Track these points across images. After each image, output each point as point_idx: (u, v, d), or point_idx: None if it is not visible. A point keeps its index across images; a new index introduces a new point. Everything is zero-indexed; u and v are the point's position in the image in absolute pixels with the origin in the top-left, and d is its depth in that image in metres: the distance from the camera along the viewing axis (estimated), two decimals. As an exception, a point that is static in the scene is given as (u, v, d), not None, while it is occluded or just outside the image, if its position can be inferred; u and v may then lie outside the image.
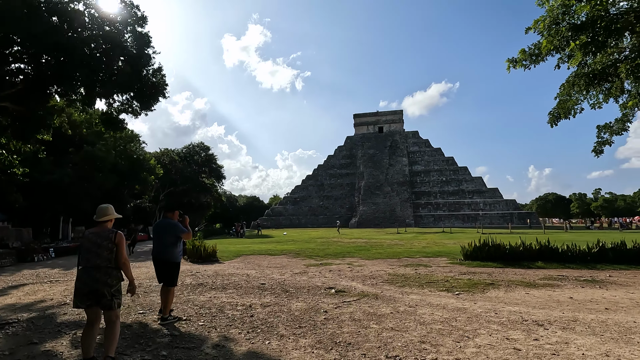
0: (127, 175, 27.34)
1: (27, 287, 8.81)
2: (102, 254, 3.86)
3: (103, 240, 3.91)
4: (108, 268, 3.87)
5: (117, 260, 3.95)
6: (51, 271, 12.00)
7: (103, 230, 4.02)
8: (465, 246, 12.50)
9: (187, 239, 6.01)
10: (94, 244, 3.89)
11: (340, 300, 6.79)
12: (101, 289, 3.76)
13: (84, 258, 3.89)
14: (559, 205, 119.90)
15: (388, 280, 9.24)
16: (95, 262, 3.83)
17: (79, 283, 3.82)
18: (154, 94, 12.62)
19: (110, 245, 3.91)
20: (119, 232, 4.10)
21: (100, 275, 3.80)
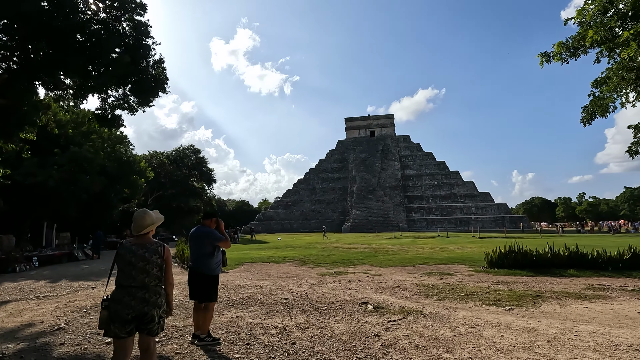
0: (116, 178, 25.85)
1: (10, 306, 7.61)
2: (152, 271, 3.20)
3: (152, 255, 3.24)
4: (157, 287, 3.26)
5: (166, 278, 3.37)
6: (36, 284, 10.72)
7: (149, 242, 3.32)
8: (489, 253, 11.77)
9: (226, 248, 5.11)
10: (141, 259, 3.19)
11: (383, 319, 5.90)
12: (151, 312, 3.13)
13: (125, 274, 3.20)
14: (544, 209, 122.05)
15: (421, 292, 8.39)
16: (143, 280, 3.17)
17: (119, 306, 3.10)
18: (154, 88, 11.55)
19: (160, 261, 3.27)
20: (167, 245, 3.41)
21: (149, 295, 3.17)
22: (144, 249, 3.24)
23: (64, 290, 9.36)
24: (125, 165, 26.72)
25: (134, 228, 3.36)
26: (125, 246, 3.30)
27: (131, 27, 11.18)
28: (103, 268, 14.89)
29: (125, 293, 3.15)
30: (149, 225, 3.37)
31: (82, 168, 22.35)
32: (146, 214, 3.43)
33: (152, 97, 11.79)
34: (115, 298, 3.16)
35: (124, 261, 3.22)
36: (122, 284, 3.20)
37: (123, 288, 3.18)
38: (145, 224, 3.36)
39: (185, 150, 52.08)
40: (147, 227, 3.37)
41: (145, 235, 3.39)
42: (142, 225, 3.35)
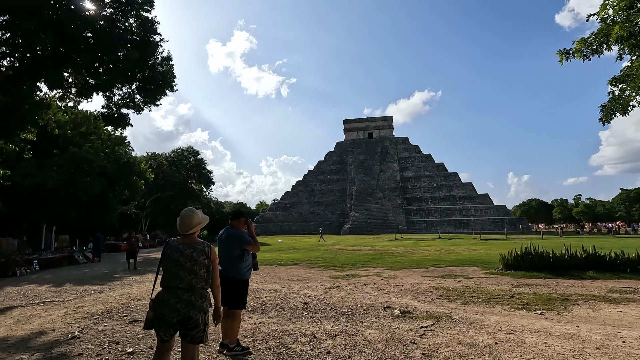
0: (116, 180, 25.39)
1: (16, 312, 7.25)
2: (199, 273, 3.04)
3: (200, 255, 3.07)
4: (203, 290, 3.09)
5: (213, 280, 3.20)
6: (39, 288, 10.33)
7: (195, 242, 3.16)
8: (504, 254, 11.54)
9: (254, 252, 4.79)
10: (189, 259, 3.03)
11: (414, 324, 5.62)
12: (196, 317, 2.95)
13: (172, 275, 3.02)
14: (541, 210, 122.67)
15: (442, 295, 8.12)
16: (190, 281, 3.00)
17: (165, 309, 2.93)
18: (161, 86, 11.24)
19: (207, 262, 3.11)
20: (212, 246, 3.24)
21: (195, 298, 2.98)
22: (192, 249, 3.07)
23: (70, 295, 9.00)
24: (125, 166, 26.28)
25: (181, 227, 3.19)
26: (172, 245, 3.13)
27: (138, 23, 10.86)
28: (106, 271, 14.49)
29: (171, 295, 2.96)
30: (196, 224, 3.22)
31: (81, 169, 21.89)
32: (194, 212, 3.26)
33: (160, 95, 11.48)
34: (161, 300, 2.98)
35: (171, 261, 3.05)
36: (168, 285, 3.02)
37: (169, 289, 3.00)
38: (193, 223, 3.20)
39: (183, 152, 51.58)
40: (195, 227, 3.21)
41: (191, 235, 3.19)
42: (189, 224, 3.18)
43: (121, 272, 14.05)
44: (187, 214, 3.20)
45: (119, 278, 12.37)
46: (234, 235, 4.63)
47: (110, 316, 6.51)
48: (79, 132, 26.09)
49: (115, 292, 9.41)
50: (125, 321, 6.10)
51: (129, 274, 13.55)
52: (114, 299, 8.32)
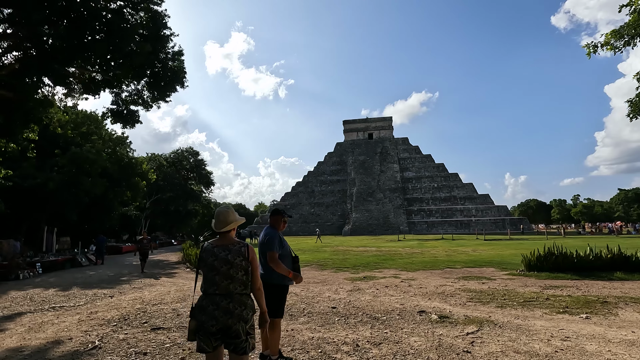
0: (117, 180, 24.88)
1: (26, 318, 6.82)
2: (237, 276, 2.77)
3: (235, 257, 2.79)
4: (243, 295, 2.80)
5: (253, 283, 2.89)
6: (46, 293, 9.89)
7: (230, 242, 2.89)
8: (526, 255, 11.21)
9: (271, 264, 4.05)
10: (224, 262, 2.77)
11: (458, 330, 5.26)
12: (235, 326, 2.68)
13: (208, 280, 2.79)
14: (540, 211, 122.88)
15: (473, 298, 7.78)
16: (227, 287, 2.75)
17: (204, 316, 2.70)
18: (172, 82, 10.84)
19: (245, 263, 2.82)
20: (250, 245, 2.91)
21: (234, 306, 2.71)
22: (227, 251, 2.81)
23: (79, 300, 8.57)
24: (126, 167, 25.78)
25: (216, 225, 2.93)
26: (207, 249, 2.89)
27: (148, 16, 10.46)
28: (111, 274, 14.03)
29: (209, 301, 2.73)
30: (232, 222, 2.94)
31: (83, 170, 21.38)
32: (229, 209, 3.01)
33: (170, 92, 11.09)
34: (200, 306, 2.75)
35: (206, 265, 2.81)
36: (206, 291, 2.79)
37: (208, 296, 2.77)
38: (229, 220, 2.93)
39: (184, 153, 51.03)
40: (230, 225, 2.92)
41: (227, 234, 2.93)
42: (225, 221, 2.91)
43: (128, 275, 13.60)
44: (223, 211, 2.97)
45: (127, 281, 11.94)
46: (266, 236, 4.24)
47: (129, 323, 6.11)
48: (80, 132, 25.61)
49: (126, 296, 8.99)
50: (146, 328, 5.70)
51: (136, 276, 13.11)
52: (127, 303, 7.91)
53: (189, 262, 16.32)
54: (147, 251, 14.40)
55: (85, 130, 25.81)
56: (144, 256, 14.26)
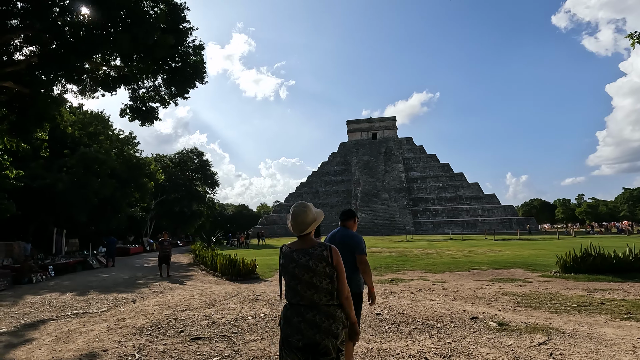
0: (126, 181, 24.47)
1: (51, 327, 6.39)
2: (321, 285, 2.38)
3: (317, 263, 2.39)
4: (330, 307, 2.40)
5: (340, 292, 2.45)
6: (64, 297, 9.47)
7: (311, 245, 2.48)
8: (562, 256, 10.77)
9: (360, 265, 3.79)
10: (305, 269, 2.40)
11: (527, 340, 4.84)
12: (324, 342, 2.30)
13: (291, 290, 2.46)
14: (544, 210, 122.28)
15: (520, 302, 7.34)
16: (310, 297, 2.39)
17: (289, 328, 2.39)
18: (192, 77, 10.41)
19: (329, 269, 2.40)
20: (334, 246, 2.48)
21: (321, 319, 2.34)
22: (307, 256, 2.42)
23: (101, 306, 8.15)
24: (135, 167, 25.39)
25: (294, 227, 2.52)
26: (286, 253, 2.55)
27: (167, 9, 10.05)
28: (126, 277, 13.61)
29: (294, 312, 2.41)
30: (311, 222, 2.52)
31: (92, 170, 20.99)
32: (307, 207, 2.55)
33: (190, 87, 10.65)
34: (285, 317, 2.46)
35: (287, 273, 2.49)
36: (290, 300, 2.48)
37: (292, 306, 2.45)
38: (308, 221, 2.50)
39: (188, 153, 50.67)
40: (310, 226, 2.51)
41: (306, 236, 2.52)
42: (303, 222, 2.48)
43: (144, 278, 13.18)
44: (300, 211, 2.52)
45: (144, 284, 11.52)
46: (350, 238, 3.86)
47: (163, 332, 5.68)
48: (87, 132, 25.24)
49: (149, 301, 8.57)
50: (185, 338, 5.28)
51: (153, 280, 12.69)
52: (153, 309, 7.49)
53: (204, 264, 15.90)
54: (168, 254, 13.22)
55: (92, 131, 25.44)
56: (165, 259, 13.09)
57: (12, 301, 9.13)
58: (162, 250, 13.16)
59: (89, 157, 20.38)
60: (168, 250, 13.27)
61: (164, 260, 13.12)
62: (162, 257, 13.11)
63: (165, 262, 13.17)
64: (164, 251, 13.14)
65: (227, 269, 12.49)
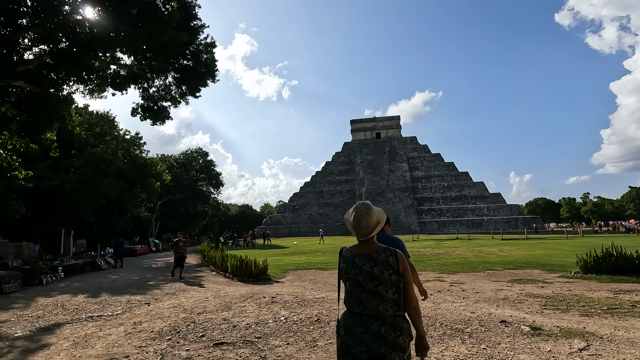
0: (132, 181, 24.39)
1: (67, 330, 6.24)
2: (387, 295, 2.18)
3: (383, 270, 2.19)
4: (397, 317, 2.20)
5: (407, 302, 2.24)
6: (76, 300, 9.33)
7: (375, 250, 2.27)
8: (582, 257, 10.53)
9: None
10: (370, 277, 2.20)
11: (566, 346, 4.63)
12: (390, 356, 2.10)
13: (353, 298, 2.26)
14: (548, 209, 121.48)
15: (546, 305, 7.13)
16: (375, 307, 2.19)
17: (350, 339, 2.19)
18: (203, 76, 10.24)
19: (395, 277, 2.19)
20: (399, 251, 2.28)
21: (387, 330, 2.14)
22: (371, 262, 2.22)
23: (115, 308, 8.00)
24: (141, 168, 25.30)
25: (357, 230, 2.27)
26: (347, 258, 2.33)
27: (178, 6, 9.87)
28: (136, 278, 13.48)
29: (356, 322, 2.20)
30: (376, 225, 2.29)
31: (99, 171, 20.91)
32: (371, 209, 2.31)
33: (201, 86, 10.48)
34: (347, 327, 2.24)
35: (349, 279, 2.28)
36: (352, 309, 2.26)
37: (354, 315, 2.24)
38: (372, 224, 2.27)
39: (193, 154, 50.61)
40: (374, 229, 2.28)
41: (369, 240, 2.29)
42: (367, 226, 2.25)
43: (154, 280, 13.04)
44: (364, 213, 2.27)
45: (155, 286, 11.38)
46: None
47: (183, 336, 5.51)
48: (94, 133, 25.17)
49: (163, 303, 8.41)
50: (207, 344, 5.11)
51: (163, 281, 12.55)
52: (169, 312, 7.32)
53: (213, 265, 15.75)
54: (183, 255, 12.86)
55: (99, 131, 25.37)
56: (181, 261, 12.73)
57: (24, 303, 9.01)
58: (178, 252, 12.76)
59: (97, 157, 20.31)
60: (183, 251, 12.91)
61: (179, 262, 12.74)
62: (177, 258, 12.72)
63: (180, 264, 12.79)
64: (180, 252, 12.76)
65: (239, 270, 12.33)
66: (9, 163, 12.98)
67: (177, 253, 12.76)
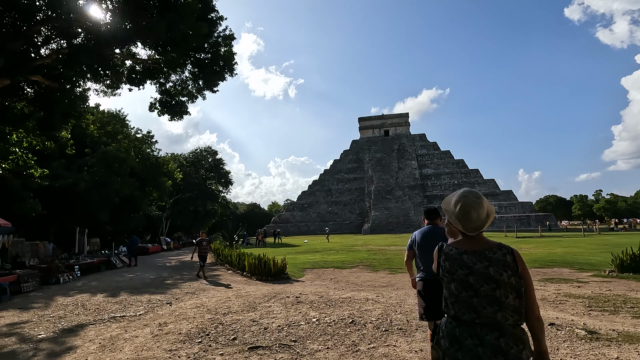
0: (145, 180, 24.33)
1: (91, 332, 6.01)
2: (506, 301, 1.80)
3: (501, 271, 1.83)
4: (517, 328, 1.82)
5: (529, 310, 1.86)
6: (95, 299, 9.14)
7: (487, 247, 1.92)
8: (618, 255, 10.07)
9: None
10: (485, 278, 1.83)
11: (631, 352, 4.25)
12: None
13: (461, 302, 1.87)
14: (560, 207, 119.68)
15: (590, 306, 6.72)
16: (492, 315, 1.80)
17: (460, 352, 1.82)
18: (221, 70, 9.96)
19: (515, 280, 1.83)
20: (515, 249, 1.92)
21: (507, 343, 1.76)
22: (485, 260, 1.87)
23: (137, 308, 7.77)
24: (153, 166, 25.24)
25: (465, 224, 1.92)
26: (451, 256, 1.96)
27: (196, -1, 9.59)
28: (152, 277, 13.30)
29: (467, 332, 1.84)
30: (486, 218, 1.93)
31: (112, 169, 20.84)
32: (482, 199, 1.95)
33: (219, 80, 10.19)
34: (452, 336, 1.88)
35: (456, 280, 1.92)
36: (459, 316, 1.89)
37: (462, 324, 1.88)
38: (483, 217, 1.92)
39: (202, 152, 50.63)
40: (487, 223, 1.94)
41: (478, 235, 1.95)
42: (478, 218, 1.91)
43: (170, 278, 12.85)
44: (475, 203, 1.92)
45: (173, 285, 11.17)
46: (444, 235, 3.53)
47: (214, 339, 5.24)
48: (106, 132, 25.14)
49: (185, 303, 8.17)
50: (240, 347, 4.82)
51: (180, 280, 12.35)
52: (193, 313, 7.06)
53: (229, 263, 15.53)
54: (206, 254, 12.69)
55: (110, 130, 25.33)
56: (204, 260, 12.45)
57: (43, 303, 8.84)
58: (201, 251, 12.45)
59: (110, 155, 20.23)
60: (206, 250, 12.67)
61: (203, 260, 12.47)
62: (201, 257, 12.43)
63: (204, 263, 12.57)
64: (203, 251, 12.48)
65: (257, 269, 12.06)
66: (24, 161, 12.87)
67: (200, 252, 12.43)
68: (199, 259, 12.50)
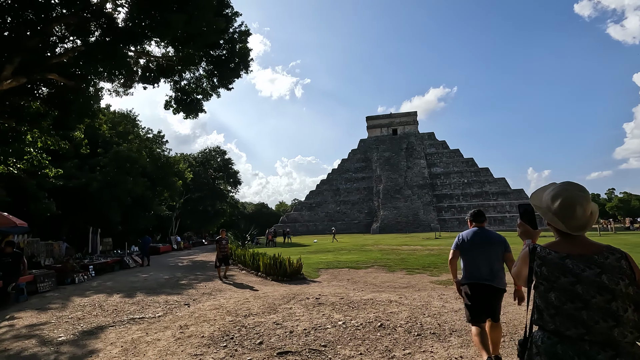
0: (156, 180, 24.35)
1: (112, 334, 5.86)
2: (625, 315, 1.53)
3: (616, 279, 1.56)
4: (634, 346, 1.54)
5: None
6: (112, 299, 9.04)
7: (595, 251, 1.65)
8: (649, 255, 9.67)
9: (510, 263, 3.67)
10: (597, 288, 1.56)
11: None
12: None
13: (565, 315, 1.60)
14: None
15: None
16: (607, 331, 1.53)
17: None
18: (237, 66, 9.79)
19: (633, 290, 1.56)
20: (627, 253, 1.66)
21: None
22: (594, 266, 1.60)
23: (156, 310, 7.63)
24: (164, 166, 25.27)
25: (568, 221, 1.66)
26: (550, 260, 1.68)
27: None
28: (166, 277, 13.21)
29: (572, 351, 1.57)
30: (594, 214, 1.72)
31: (124, 169, 20.88)
32: (587, 193, 1.70)
33: (235, 78, 10.03)
34: (551, 353, 1.61)
35: (556, 289, 1.64)
36: (561, 332, 1.61)
37: (566, 341, 1.60)
38: (587, 214, 1.67)
39: (211, 152, 50.73)
40: (592, 221, 1.70)
41: (581, 236, 1.70)
42: (584, 214, 1.66)
43: (185, 279, 12.74)
44: (580, 197, 1.67)
45: (189, 285, 11.04)
46: (497, 237, 3.89)
47: (239, 343, 5.04)
48: (117, 132, 25.21)
49: (203, 304, 8.01)
50: (268, 352, 4.62)
51: (195, 280, 12.23)
52: (213, 314, 6.89)
53: (242, 263, 15.39)
54: (228, 254, 12.25)
55: (122, 130, 25.40)
56: (225, 260, 11.93)
57: (60, 304, 8.75)
58: (221, 250, 11.96)
59: (122, 156, 20.26)
60: (227, 249, 12.27)
61: (224, 260, 11.99)
62: (222, 257, 11.94)
63: (226, 262, 12.07)
64: (223, 250, 12.02)
65: (272, 269, 11.88)
66: (39, 161, 12.87)
67: (221, 251, 11.96)
68: (217, 260, 12.02)
